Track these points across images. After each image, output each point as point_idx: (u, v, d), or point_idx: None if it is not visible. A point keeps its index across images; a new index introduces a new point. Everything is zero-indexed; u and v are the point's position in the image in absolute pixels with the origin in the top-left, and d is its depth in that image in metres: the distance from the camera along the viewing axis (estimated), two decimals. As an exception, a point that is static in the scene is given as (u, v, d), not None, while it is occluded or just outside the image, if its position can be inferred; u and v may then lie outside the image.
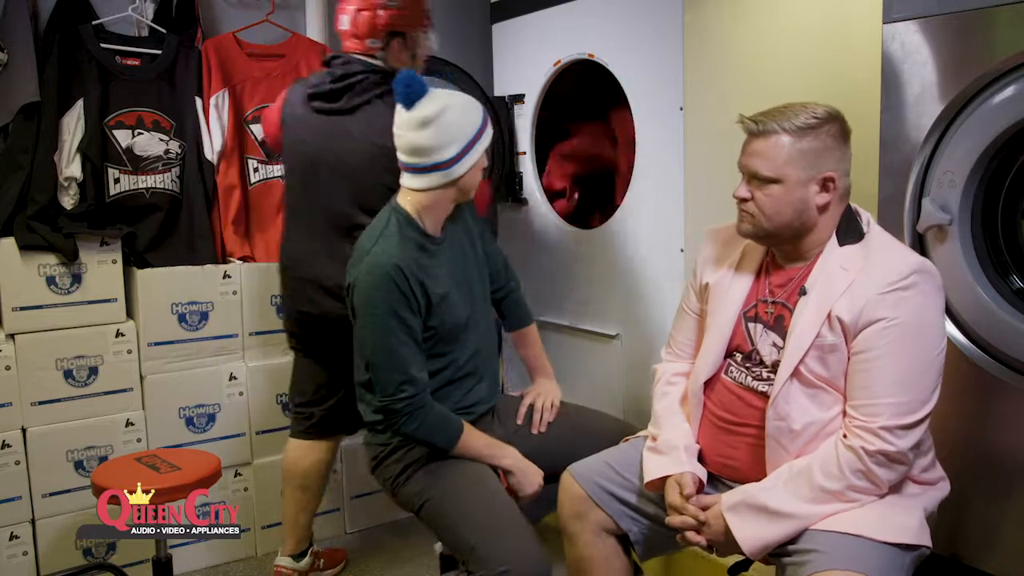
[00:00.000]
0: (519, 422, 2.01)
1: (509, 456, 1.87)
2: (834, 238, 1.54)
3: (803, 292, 1.53)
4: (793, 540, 1.44)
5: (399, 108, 1.80)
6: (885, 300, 1.43)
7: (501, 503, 1.79)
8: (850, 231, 1.54)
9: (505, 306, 2.14)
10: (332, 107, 2.23)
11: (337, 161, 2.18)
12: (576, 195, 2.91)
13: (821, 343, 1.47)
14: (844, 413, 1.48)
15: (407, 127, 1.79)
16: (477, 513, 1.76)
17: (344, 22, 2.27)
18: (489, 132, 1.86)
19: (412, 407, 1.77)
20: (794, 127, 1.48)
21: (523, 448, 1.94)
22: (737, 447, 1.60)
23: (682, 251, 2.39)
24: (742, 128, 1.55)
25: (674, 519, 1.55)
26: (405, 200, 1.86)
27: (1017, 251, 1.66)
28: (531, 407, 2.04)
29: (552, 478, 1.85)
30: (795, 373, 1.49)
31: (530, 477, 1.86)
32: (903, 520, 1.44)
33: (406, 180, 1.85)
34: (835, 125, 1.51)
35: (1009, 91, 1.54)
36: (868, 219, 1.57)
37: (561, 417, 2.03)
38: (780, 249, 1.61)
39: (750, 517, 1.46)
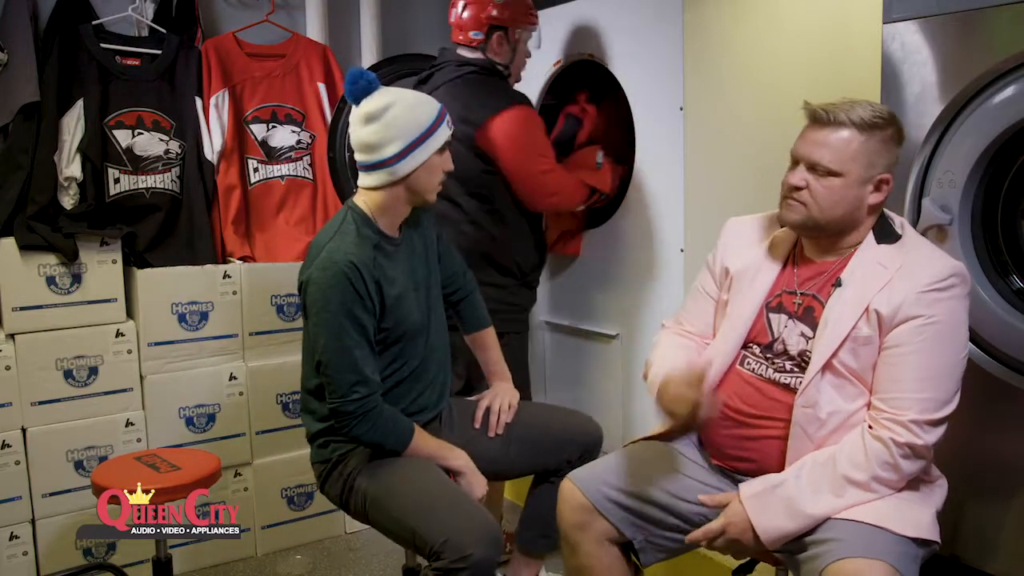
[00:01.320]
0: (476, 426, 1.98)
1: (460, 458, 1.85)
2: (871, 237, 1.56)
3: (838, 284, 1.54)
4: (810, 532, 1.45)
5: (352, 105, 1.78)
6: (923, 299, 1.45)
7: (439, 483, 1.76)
8: (886, 232, 1.56)
9: (462, 308, 2.09)
10: (424, 88, 2.35)
11: None
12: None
13: (856, 335, 1.49)
14: (869, 406, 1.50)
15: (355, 123, 1.77)
16: (415, 496, 1.72)
17: (452, 14, 2.42)
18: (441, 132, 1.79)
19: (364, 408, 1.73)
20: (863, 122, 1.49)
21: (481, 452, 1.92)
22: (756, 440, 1.59)
23: (682, 251, 2.39)
24: (808, 114, 1.54)
25: (696, 535, 1.53)
26: (360, 199, 1.83)
27: (1017, 251, 1.66)
28: (487, 410, 2.00)
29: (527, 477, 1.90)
30: (827, 364, 1.51)
31: (479, 480, 1.84)
32: (918, 515, 1.46)
33: (360, 179, 1.82)
34: (895, 128, 1.52)
35: (1009, 91, 1.54)
36: (901, 222, 1.59)
37: (520, 418, 2.00)
38: (817, 243, 1.61)
39: (771, 507, 1.47)
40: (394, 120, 1.74)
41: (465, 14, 2.39)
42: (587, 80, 2.78)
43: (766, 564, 1.61)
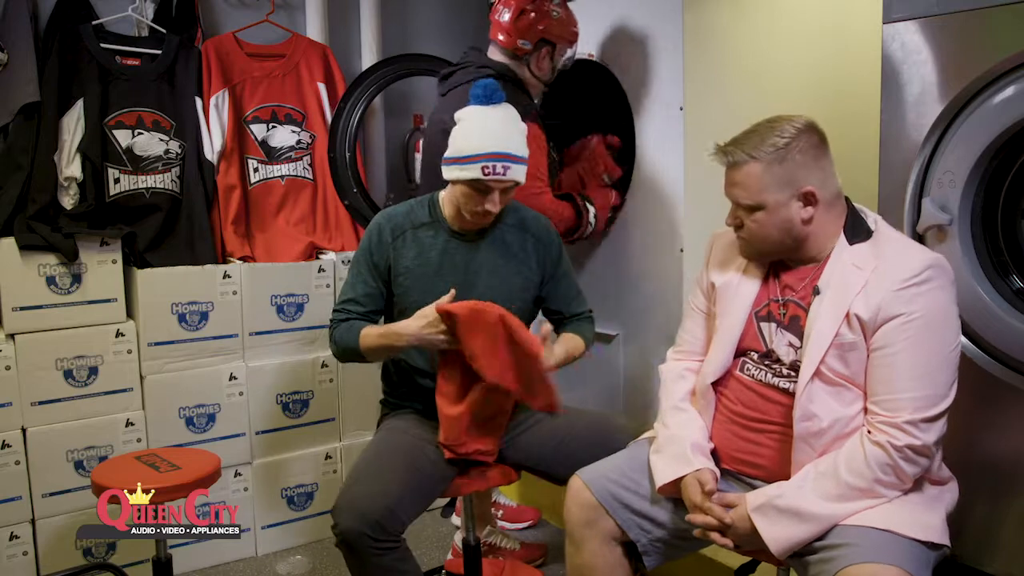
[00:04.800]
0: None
1: (404, 334, 1.84)
2: (843, 237, 1.55)
3: (816, 291, 1.54)
4: (820, 537, 1.44)
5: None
6: (902, 296, 1.44)
7: (380, 457, 1.86)
8: (858, 230, 1.55)
9: (563, 328, 2.09)
10: (443, 87, 2.43)
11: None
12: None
13: (841, 342, 1.49)
14: (865, 410, 1.49)
15: None
16: (358, 463, 1.89)
17: (504, 15, 2.39)
18: (468, 169, 1.83)
19: (331, 326, 1.98)
20: (764, 153, 1.51)
21: (526, 453, 1.95)
22: (761, 443, 1.59)
23: (682, 251, 2.39)
24: (716, 160, 1.58)
25: (696, 518, 1.54)
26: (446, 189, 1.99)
27: (1017, 251, 1.66)
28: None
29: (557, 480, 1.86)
30: (816, 372, 1.50)
31: (423, 326, 1.82)
32: (929, 519, 1.45)
33: None
34: (804, 139, 1.51)
35: (1009, 91, 1.54)
36: (875, 218, 1.59)
37: (566, 422, 1.98)
38: (786, 257, 1.62)
39: (777, 518, 1.46)
40: (452, 133, 1.89)
41: (520, 20, 2.37)
42: (587, 80, 2.78)
43: (768, 564, 1.61)
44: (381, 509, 1.72)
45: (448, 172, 1.88)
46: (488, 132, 1.85)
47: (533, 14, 2.37)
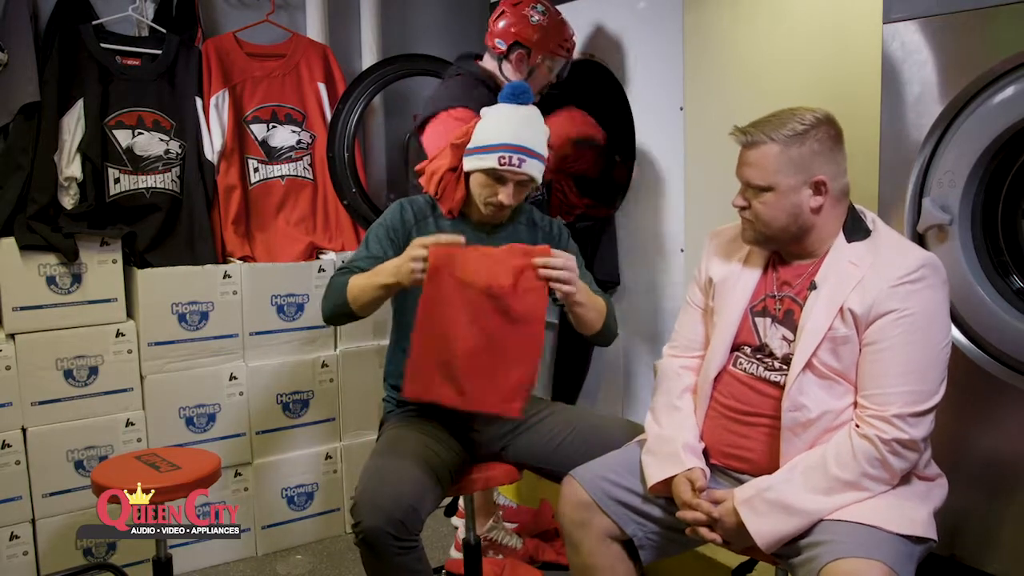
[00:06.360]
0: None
1: (384, 274, 1.80)
2: (841, 235, 1.57)
3: (813, 286, 1.56)
4: (805, 533, 1.45)
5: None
6: (896, 293, 1.46)
7: (395, 456, 1.84)
8: (856, 229, 1.57)
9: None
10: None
11: None
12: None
13: (834, 335, 1.50)
14: (855, 404, 1.51)
15: None
16: (372, 461, 1.86)
17: (492, 17, 2.44)
18: (486, 158, 1.89)
19: (332, 276, 1.93)
20: (782, 136, 1.52)
21: (528, 452, 1.95)
22: (749, 436, 1.60)
23: (682, 251, 2.39)
24: (734, 140, 1.59)
25: (686, 515, 1.55)
26: None
27: (1017, 251, 1.66)
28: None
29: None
30: (808, 365, 1.52)
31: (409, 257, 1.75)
32: (913, 513, 1.46)
33: None
34: (823, 129, 1.54)
35: (1009, 91, 1.54)
36: (873, 218, 1.60)
37: (568, 421, 1.99)
38: (785, 249, 1.63)
39: (764, 511, 1.47)
40: (476, 127, 1.94)
41: (500, 22, 2.40)
42: (587, 80, 2.78)
43: (766, 564, 1.61)
44: (405, 508, 1.72)
45: (467, 162, 1.93)
46: (508, 125, 1.90)
47: (510, 16, 2.38)
